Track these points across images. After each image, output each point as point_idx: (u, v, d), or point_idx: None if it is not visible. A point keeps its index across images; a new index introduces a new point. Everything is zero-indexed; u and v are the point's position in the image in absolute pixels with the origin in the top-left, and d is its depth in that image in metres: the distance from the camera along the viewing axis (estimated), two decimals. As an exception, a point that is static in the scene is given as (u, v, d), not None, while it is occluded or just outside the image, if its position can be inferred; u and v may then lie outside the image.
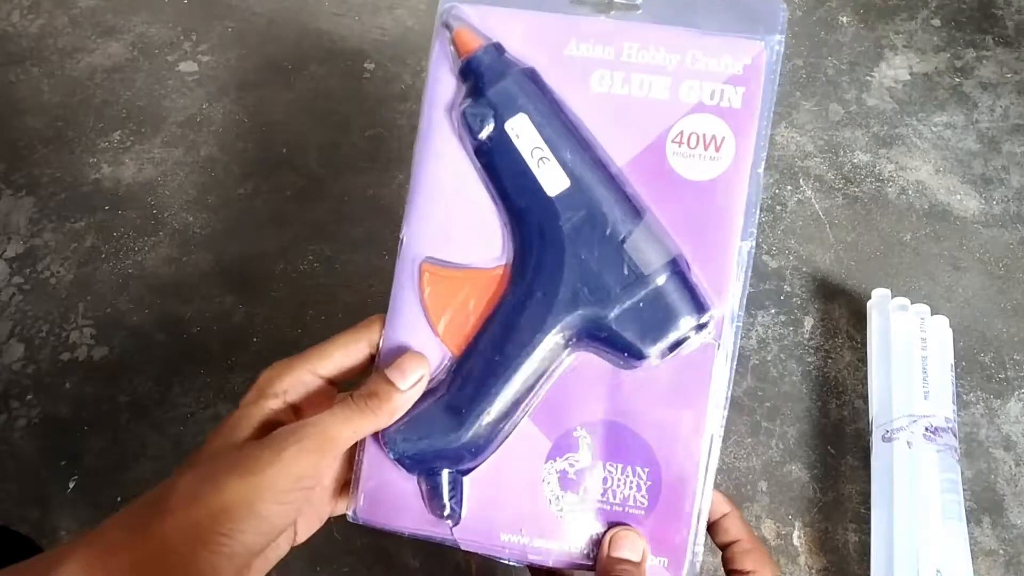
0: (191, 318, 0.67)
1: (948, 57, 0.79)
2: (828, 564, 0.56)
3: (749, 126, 0.34)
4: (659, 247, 0.33)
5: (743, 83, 0.34)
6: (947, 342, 0.60)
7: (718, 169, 0.34)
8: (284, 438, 0.31)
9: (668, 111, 0.34)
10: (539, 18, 0.35)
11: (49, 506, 0.59)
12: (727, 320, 0.33)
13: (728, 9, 0.35)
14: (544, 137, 0.33)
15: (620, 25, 0.35)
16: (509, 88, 0.34)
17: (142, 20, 0.84)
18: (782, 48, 0.34)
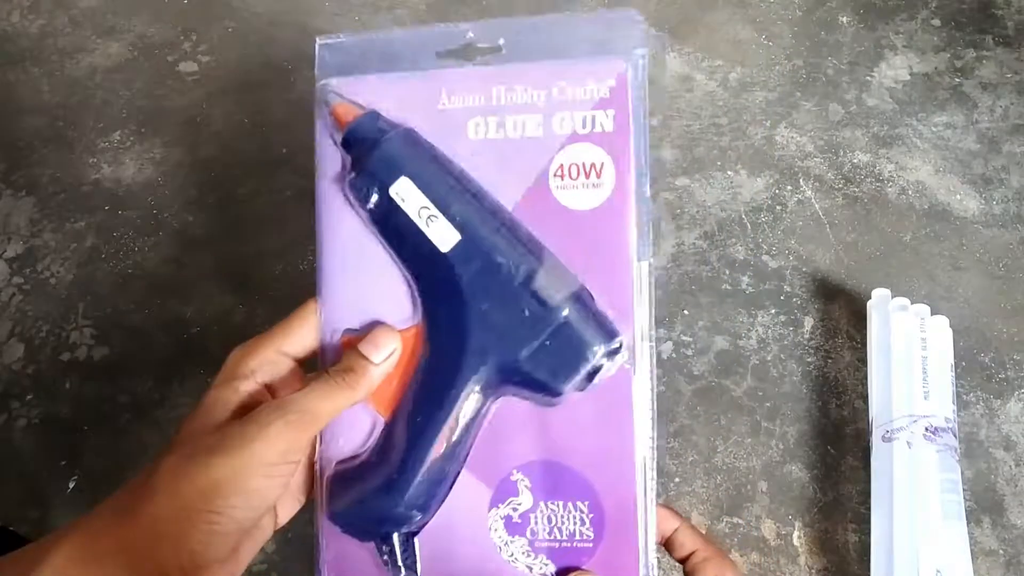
0: (191, 318, 0.67)
1: (948, 57, 0.79)
2: (828, 564, 0.56)
3: (625, 147, 0.34)
4: (558, 283, 0.33)
5: (611, 105, 0.34)
6: (947, 342, 0.60)
7: (602, 195, 0.34)
8: (267, 414, 0.31)
9: (545, 147, 0.34)
10: (409, 79, 0.35)
11: (49, 506, 0.59)
12: (639, 341, 0.34)
13: (587, 33, 0.35)
14: (429, 196, 0.34)
15: (486, 71, 0.35)
16: (388, 153, 0.34)
17: (142, 20, 0.84)
18: (646, 60, 0.34)
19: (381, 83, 0.36)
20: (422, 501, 0.34)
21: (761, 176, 0.72)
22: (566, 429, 0.34)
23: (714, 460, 0.60)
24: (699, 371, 0.63)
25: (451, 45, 0.36)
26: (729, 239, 0.69)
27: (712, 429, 0.61)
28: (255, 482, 0.30)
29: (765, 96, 0.77)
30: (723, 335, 0.65)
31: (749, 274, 0.67)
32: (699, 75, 0.78)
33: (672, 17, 0.83)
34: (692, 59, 0.79)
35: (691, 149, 0.74)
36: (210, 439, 0.31)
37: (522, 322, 0.33)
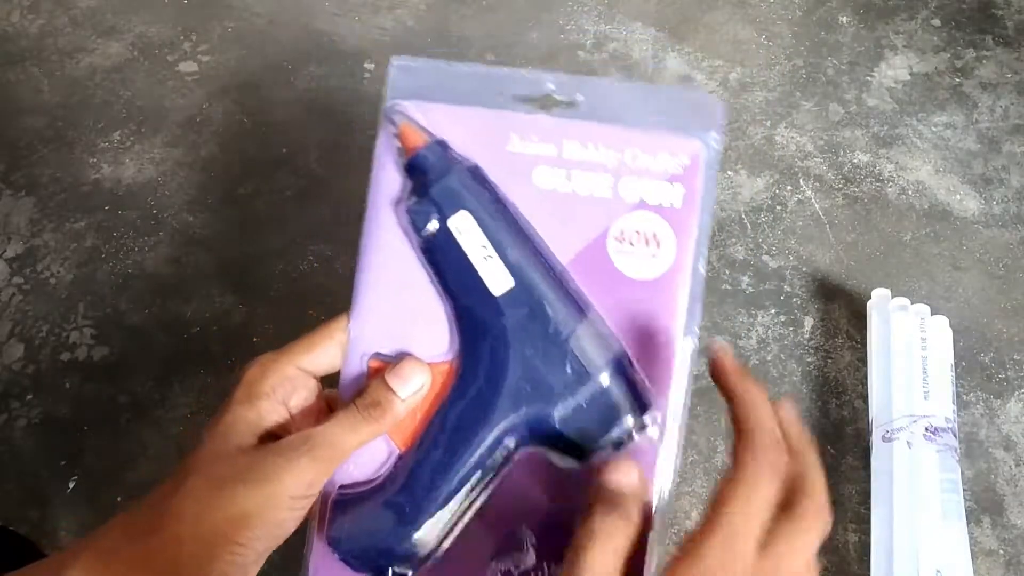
0: (191, 318, 0.67)
1: (948, 57, 0.79)
2: (828, 564, 0.56)
3: (689, 224, 0.34)
4: (602, 346, 0.33)
5: (682, 182, 0.34)
6: (947, 342, 0.60)
7: (659, 268, 0.34)
8: (295, 447, 0.31)
9: (609, 209, 0.34)
10: (481, 114, 0.35)
11: (49, 506, 0.59)
12: (670, 418, 0.33)
13: (666, 107, 0.35)
14: (488, 235, 0.33)
15: (560, 122, 0.35)
16: (452, 185, 0.34)
17: (142, 20, 0.84)
18: (720, 145, 0.34)
19: (452, 113, 0.35)
20: (429, 541, 0.33)
21: (761, 176, 0.72)
22: (582, 492, 0.32)
23: (714, 460, 0.60)
24: (699, 371, 0.63)
25: (529, 92, 0.35)
26: (729, 239, 0.69)
27: (712, 429, 0.61)
28: (280, 515, 0.30)
29: (765, 96, 0.77)
30: (723, 335, 0.65)
31: (749, 274, 0.67)
32: (699, 75, 0.78)
33: (672, 17, 0.83)
34: (692, 59, 0.79)
35: (691, 149, 0.74)
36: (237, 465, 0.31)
37: (562, 379, 0.32)
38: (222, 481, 0.30)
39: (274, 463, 0.31)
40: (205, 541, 0.30)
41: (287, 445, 0.31)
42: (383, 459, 0.34)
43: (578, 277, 0.34)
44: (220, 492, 0.30)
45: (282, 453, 0.31)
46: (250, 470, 0.31)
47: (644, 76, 0.79)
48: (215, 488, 0.30)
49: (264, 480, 0.30)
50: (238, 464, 0.31)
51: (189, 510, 0.30)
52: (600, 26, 0.82)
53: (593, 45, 0.81)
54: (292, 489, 0.30)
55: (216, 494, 0.30)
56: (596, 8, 0.84)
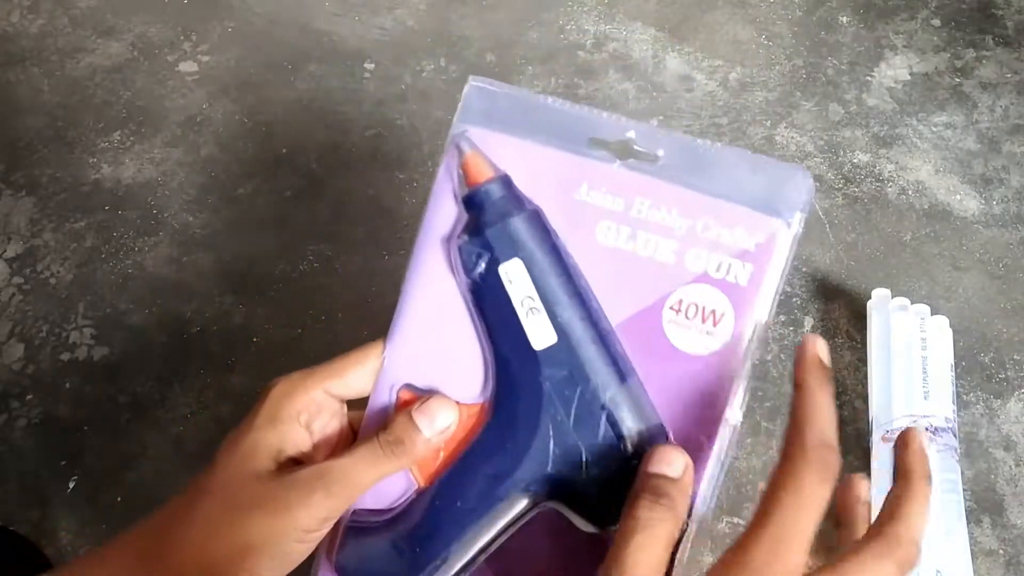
0: (191, 318, 0.67)
1: (948, 57, 0.79)
2: (828, 564, 0.56)
3: (752, 304, 0.32)
4: (639, 416, 0.32)
5: (753, 260, 0.32)
6: (947, 342, 0.60)
7: (714, 345, 0.32)
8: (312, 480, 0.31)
9: (671, 276, 0.32)
10: (553, 156, 0.33)
11: (49, 506, 0.59)
12: (699, 501, 0.32)
13: (752, 176, 0.33)
14: (537, 287, 0.32)
15: (635, 178, 0.33)
16: (510, 230, 0.32)
17: (142, 20, 0.84)
18: (801, 228, 0.32)
19: (524, 149, 0.34)
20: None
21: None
22: (597, 556, 0.31)
23: (714, 460, 0.60)
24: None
25: (608, 136, 0.33)
26: (729, 239, 0.69)
27: (712, 429, 0.61)
28: (290, 547, 0.30)
29: (765, 96, 0.77)
30: (723, 335, 0.65)
31: (749, 274, 0.67)
32: (699, 75, 0.78)
33: (672, 17, 0.83)
34: (692, 59, 0.79)
35: (691, 149, 0.74)
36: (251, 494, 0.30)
37: (591, 443, 0.32)
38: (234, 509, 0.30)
39: (287, 496, 0.30)
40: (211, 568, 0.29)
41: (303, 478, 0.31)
42: (402, 491, 0.33)
43: (626, 342, 0.32)
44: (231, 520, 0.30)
45: (297, 486, 0.30)
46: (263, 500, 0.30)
47: (644, 76, 0.79)
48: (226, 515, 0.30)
49: (276, 512, 0.30)
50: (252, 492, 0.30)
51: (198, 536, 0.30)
52: (600, 26, 0.82)
53: (593, 45, 0.81)
54: (304, 523, 0.30)
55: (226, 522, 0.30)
56: (596, 8, 0.84)
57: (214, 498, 0.31)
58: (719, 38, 0.81)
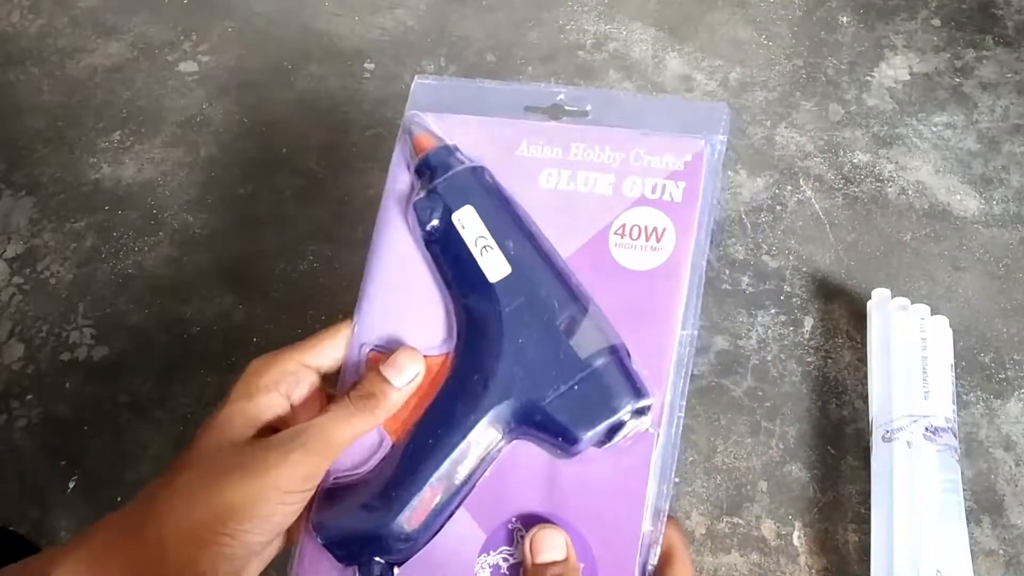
0: (191, 318, 0.67)
1: (948, 57, 0.79)
2: (828, 564, 0.56)
3: (690, 219, 0.35)
4: (598, 334, 0.33)
5: (684, 178, 0.35)
6: (947, 342, 0.60)
7: (658, 260, 0.34)
8: (289, 440, 0.31)
9: (612, 205, 0.35)
10: (493, 123, 0.37)
11: (49, 506, 0.59)
12: (667, 409, 0.33)
13: (673, 113, 0.36)
14: (488, 227, 0.34)
15: (569, 127, 0.37)
16: (457, 182, 0.35)
17: (142, 20, 0.84)
18: (724, 147, 0.36)
19: (465, 122, 0.37)
20: (413, 529, 0.33)
21: (761, 176, 0.72)
22: (576, 486, 0.33)
23: (714, 460, 0.60)
24: (699, 371, 0.63)
25: (540, 103, 0.37)
26: (729, 239, 0.69)
27: (712, 429, 0.61)
28: (270, 508, 0.30)
29: (765, 96, 0.77)
30: (723, 335, 0.65)
31: (749, 274, 0.67)
32: (699, 75, 0.79)
33: (672, 17, 0.83)
34: (692, 59, 0.79)
35: (691, 149, 0.74)
36: (228, 460, 0.31)
37: (554, 363, 0.33)
38: (212, 475, 0.30)
39: (265, 457, 0.30)
40: (192, 535, 0.29)
41: (280, 439, 0.31)
42: (374, 449, 0.34)
43: (579, 271, 0.35)
44: (209, 486, 0.30)
45: (274, 447, 0.31)
46: (241, 464, 0.30)
47: (644, 76, 0.79)
48: (205, 482, 0.30)
49: (253, 473, 0.30)
50: (230, 458, 0.31)
51: (178, 505, 0.30)
52: (600, 26, 0.82)
53: (593, 45, 0.81)
54: (284, 483, 0.30)
55: (205, 488, 0.30)
56: (596, 8, 0.84)
57: (193, 469, 0.31)
58: (719, 38, 0.81)
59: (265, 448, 0.31)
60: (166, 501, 0.30)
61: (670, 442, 0.33)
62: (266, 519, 0.30)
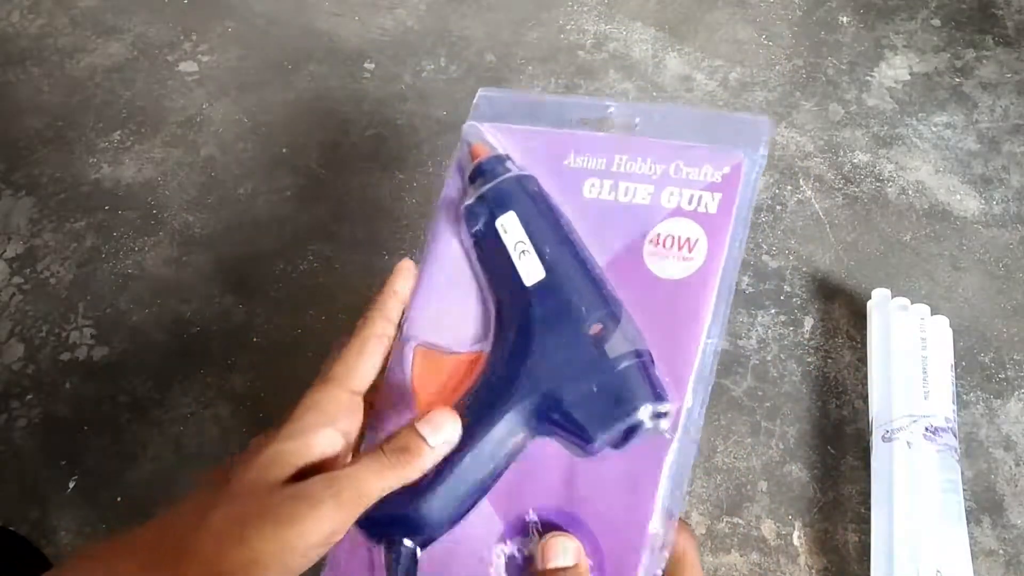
0: (191, 318, 0.67)
1: (948, 57, 0.79)
2: (828, 564, 0.56)
3: (723, 230, 0.36)
4: (624, 339, 0.34)
5: (720, 190, 0.36)
6: (947, 342, 0.60)
7: (689, 269, 0.35)
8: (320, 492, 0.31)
9: (649, 215, 0.36)
10: (544, 134, 0.39)
11: (49, 506, 0.59)
12: (684, 414, 0.34)
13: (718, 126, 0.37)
14: (528, 232, 0.36)
15: (615, 138, 0.38)
16: (504, 189, 0.37)
17: (142, 20, 0.84)
18: (764, 161, 0.37)
19: (519, 133, 0.39)
20: (440, 515, 0.34)
21: (761, 176, 0.72)
22: (591, 483, 0.34)
23: (714, 460, 0.60)
24: (699, 371, 0.63)
25: (592, 115, 0.39)
26: (729, 239, 0.69)
27: (712, 429, 0.61)
28: (295, 561, 0.30)
29: (765, 96, 0.77)
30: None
31: (749, 274, 0.67)
32: (699, 75, 0.78)
33: (672, 17, 0.83)
34: (692, 59, 0.79)
35: (691, 149, 0.74)
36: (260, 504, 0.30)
37: (578, 364, 0.34)
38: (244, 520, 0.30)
39: (295, 508, 0.30)
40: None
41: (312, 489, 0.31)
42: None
43: (613, 278, 0.36)
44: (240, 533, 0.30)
45: (306, 498, 0.30)
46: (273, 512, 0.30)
47: (644, 76, 0.79)
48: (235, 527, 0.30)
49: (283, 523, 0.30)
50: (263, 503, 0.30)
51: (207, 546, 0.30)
52: (600, 26, 0.82)
53: (593, 45, 0.81)
54: (311, 537, 0.30)
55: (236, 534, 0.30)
56: (596, 8, 0.84)
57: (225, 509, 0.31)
58: (719, 38, 0.81)
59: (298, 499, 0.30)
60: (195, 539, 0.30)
61: (687, 447, 0.34)
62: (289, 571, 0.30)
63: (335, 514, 0.30)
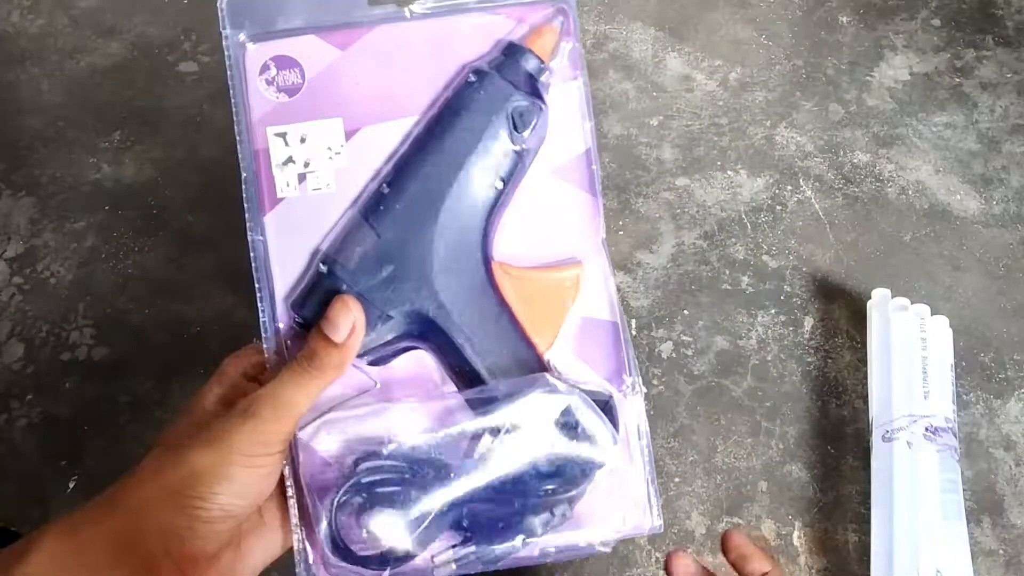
0: (191, 318, 0.67)
1: (948, 57, 0.79)
2: (828, 564, 0.56)
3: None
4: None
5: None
6: (947, 342, 0.60)
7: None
8: (243, 409, 0.32)
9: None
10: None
11: (49, 506, 0.59)
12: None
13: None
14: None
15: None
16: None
17: (142, 20, 0.84)
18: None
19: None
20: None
21: (761, 176, 0.72)
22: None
23: (714, 460, 0.60)
24: (699, 371, 0.63)
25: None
26: (729, 239, 0.69)
27: (712, 429, 0.61)
28: (235, 471, 0.31)
29: (765, 96, 0.77)
30: (723, 335, 0.65)
31: (749, 274, 0.67)
32: (699, 75, 0.78)
33: (672, 17, 0.83)
34: (692, 59, 0.79)
35: (691, 149, 0.74)
36: (192, 435, 0.32)
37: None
38: (179, 448, 0.32)
39: (222, 427, 0.32)
40: (164, 501, 0.31)
41: (236, 409, 0.32)
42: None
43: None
44: (177, 456, 0.31)
45: (230, 417, 0.32)
46: (202, 434, 0.32)
47: (644, 76, 0.79)
48: (173, 453, 0.32)
49: (214, 440, 0.31)
50: (194, 434, 0.32)
51: (147, 477, 0.32)
52: (600, 26, 0.82)
53: (593, 45, 0.81)
54: (243, 447, 0.31)
55: (171, 457, 0.31)
56: (596, 8, 0.84)
57: (162, 448, 0.33)
58: (719, 38, 0.81)
59: (223, 420, 0.32)
60: (139, 475, 0.32)
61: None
62: (234, 481, 0.31)
63: (258, 425, 0.32)
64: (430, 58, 0.36)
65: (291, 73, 0.36)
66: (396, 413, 0.34)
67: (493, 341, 0.35)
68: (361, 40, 0.36)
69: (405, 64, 0.36)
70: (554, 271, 0.36)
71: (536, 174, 0.37)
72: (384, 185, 0.35)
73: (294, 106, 0.36)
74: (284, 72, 0.36)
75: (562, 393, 0.33)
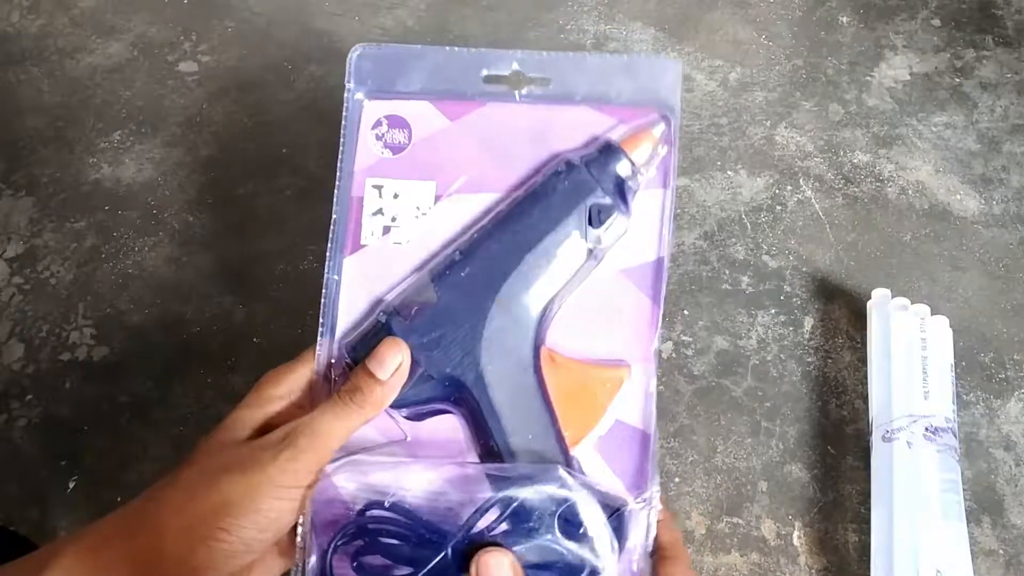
0: (191, 318, 0.67)
1: (948, 57, 0.79)
2: (828, 564, 0.56)
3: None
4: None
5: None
6: (947, 342, 0.60)
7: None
8: (280, 439, 0.32)
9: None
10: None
11: (49, 506, 0.59)
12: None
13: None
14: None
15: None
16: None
17: (142, 20, 0.84)
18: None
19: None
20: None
21: (761, 176, 0.72)
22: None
23: (714, 460, 0.60)
24: (699, 371, 0.63)
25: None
26: (729, 239, 0.69)
27: (712, 429, 0.61)
28: (266, 503, 0.30)
29: (765, 96, 0.77)
30: (723, 335, 0.65)
31: (749, 274, 0.67)
32: (699, 75, 0.78)
33: (672, 17, 0.83)
34: (692, 59, 0.79)
35: (691, 149, 0.74)
36: (225, 457, 0.32)
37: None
38: (211, 472, 0.31)
39: (260, 456, 0.31)
40: (190, 528, 0.30)
41: (274, 437, 0.32)
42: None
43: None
44: (208, 481, 0.31)
45: (269, 445, 0.32)
46: (238, 462, 0.31)
47: (644, 76, 0.78)
48: (204, 478, 0.31)
49: (248, 469, 0.31)
50: (229, 456, 0.32)
51: (177, 499, 0.31)
52: (600, 26, 0.82)
53: (593, 45, 0.81)
54: (276, 478, 0.31)
55: (204, 484, 0.31)
56: (596, 8, 0.84)
57: (194, 467, 0.32)
58: (719, 38, 0.81)
59: (261, 447, 0.32)
60: (166, 496, 0.31)
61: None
62: (262, 514, 0.30)
63: (296, 456, 0.31)
64: (529, 142, 0.38)
65: (400, 132, 0.38)
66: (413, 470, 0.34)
67: (523, 422, 0.35)
68: (470, 114, 0.38)
69: (505, 144, 0.38)
70: (600, 369, 0.37)
71: (605, 270, 0.37)
72: (457, 252, 0.36)
73: (396, 163, 0.38)
74: (394, 131, 0.38)
75: (573, 490, 0.33)
